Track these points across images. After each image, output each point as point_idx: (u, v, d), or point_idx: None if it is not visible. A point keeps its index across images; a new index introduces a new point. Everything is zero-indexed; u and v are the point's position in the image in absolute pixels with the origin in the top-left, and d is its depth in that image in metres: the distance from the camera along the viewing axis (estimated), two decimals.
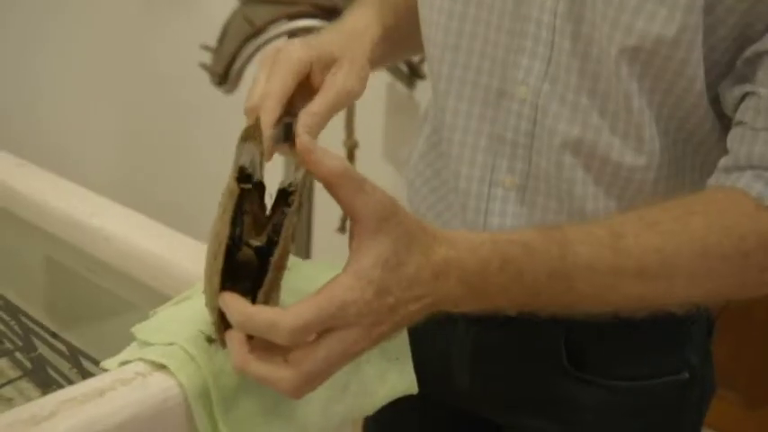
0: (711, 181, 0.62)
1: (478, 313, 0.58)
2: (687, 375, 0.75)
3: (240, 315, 0.48)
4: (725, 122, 0.64)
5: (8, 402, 0.67)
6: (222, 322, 0.51)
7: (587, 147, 0.66)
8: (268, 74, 0.59)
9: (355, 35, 0.69)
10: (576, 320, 0.62)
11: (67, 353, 0.63)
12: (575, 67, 0.65)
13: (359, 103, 1.40)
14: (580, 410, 0.75)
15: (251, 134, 0.56)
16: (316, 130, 0.61)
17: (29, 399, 0.67)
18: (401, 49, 0.79)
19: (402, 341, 0.64)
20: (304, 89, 0.63)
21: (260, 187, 0.56)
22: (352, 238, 0.50)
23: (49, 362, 0.67)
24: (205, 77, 1.48)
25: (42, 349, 0.68)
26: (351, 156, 1.42)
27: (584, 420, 0.76)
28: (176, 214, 1.97)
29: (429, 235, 0.52)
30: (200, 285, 0.64)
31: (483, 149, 0.71)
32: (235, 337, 0.50)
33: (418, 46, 0.77)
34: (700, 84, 0.62)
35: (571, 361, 0.74)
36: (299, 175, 0.54)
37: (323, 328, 0.48)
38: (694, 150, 0.68)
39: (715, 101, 0.64)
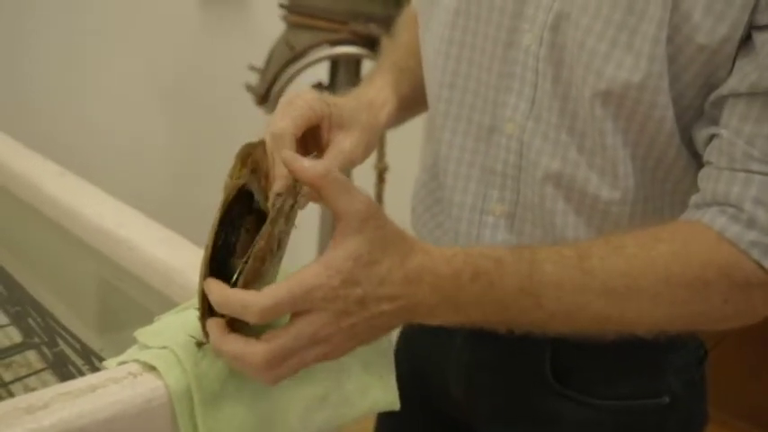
0: (683, 216, 0.65)
1: (468, 328, 0.61)
2: (667, 400, 0.77)
3: (218, 296, 0.54)
4: (701, 163, 0.67)
5: (32, 392, 0.74)
6: (207, 313, 0.56)
7: (567, 180, 0.70)
8: (281, 114, 0.64)
9: (373, 108, 0.74)
10: (562, 339, 0.65)
11: (81, 351, 0.69)
12: (555, 107, 0.69)
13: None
14: (565, 426, 0.78)
15: (255, 167, 0.59)
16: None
17: None
18: (415, 112, 0.85)
19: (387, 360, 0.67)
20: (313, 137, 0.68)
21: (261, 214, 0.60)
22: (335, 233, 0.55)
23: (69, 358, 0.74)
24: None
25: (63, 346, 0.74)
26: (381, 179, 1.47)
27: None
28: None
29: (407, 243, 0.57)
30: None
31: (475, 180, 0.75)
32: (214, 322, 0.55)
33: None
34: (669, 125, 0.65)
35: (556, 377, 0.77)
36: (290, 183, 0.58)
37: (292, 310, 0.53)
38: (673, 189, 0.71)
39: (690, 143, 0.67)
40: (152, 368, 0.58)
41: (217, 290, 0.54)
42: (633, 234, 0.62)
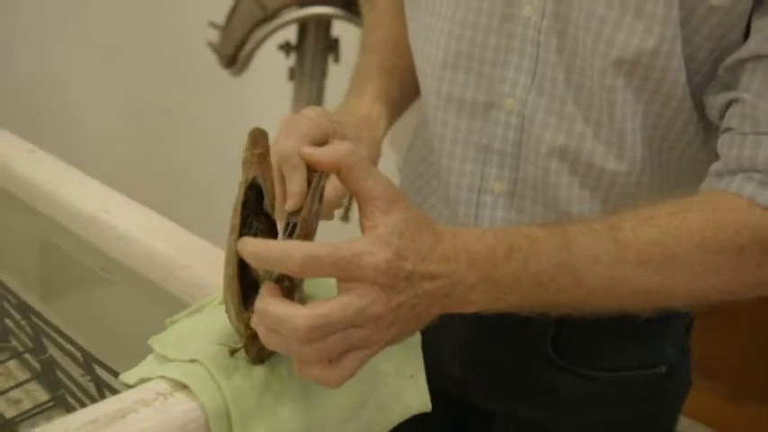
0: (704, 186, 0.64)
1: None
2: (664, 369, 0.78)
3: (256, 246, 0.49)
4: (708, 129, 0.67)
5: (15, 404, 0.66)
6: (241, 305, 0.53)
7: (572, 153, 0.69)
8: (287, 134, 0.59)
9: (370, 122, 0.74)
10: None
11: (81, 359, 0.62)
12: (560, 79, 0.68)
13: None
14: (564, 399, 0.78)
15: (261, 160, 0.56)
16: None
17: (36, 401, 0.67)
18: (407, 107, 0.84)
19: (416, 356, 0.64)
20: None
21: (272, 223, 0.56)
22: (364, 217, 0.51)
23: (59, 365, 0.66)
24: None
25: (52, 350, 0.67)
26: None
27: (568, 408, 0.79)
28: (182, 182, 1.96)
29: (434, 224, 0.54)
30: (215, 294, 0.64)
31: (471, 159, 0.73)
32: (268, 286, 0.51)
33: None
34: (681, 90, 0.64)
35: (556, 351, 0.77)
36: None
37: (337, 271, 0.48)
38: (679, 158, 0.70)
39: (698, 107, 0.66)
40: (182, 386, 0.53)
41: (254, 241, 0.50)
42: (660, 206, 0.60)
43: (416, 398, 0.64)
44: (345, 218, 1.41)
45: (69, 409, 0.69)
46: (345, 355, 0.50)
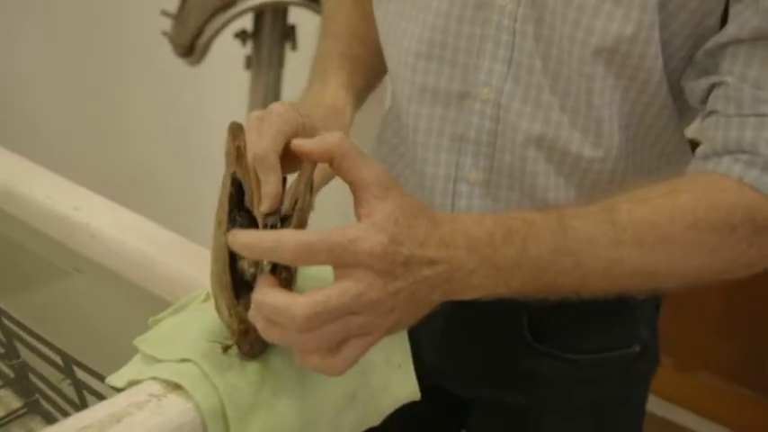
0: (690, 168, 0.65)
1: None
2: (638, 349, 0.80)
3: (249, 236, 0.49)
4: (681, 113, 0.69)
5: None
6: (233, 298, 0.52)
7: (549, 141, 0.69)
8: (257, 134, 0.57)
9: (336, 112, 0.74)
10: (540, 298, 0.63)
11: (61, 362, 0.60)
12: (537, 67, 0.68)
13: None
14: (541, 382, 0.79)
15: (239, 169, 0.55)
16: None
17: (9, 407, 0.65)
18: (370, 93, 0.83)
19: (404, 348, 0.64)
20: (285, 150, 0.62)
21: (252, 218, 0.55)
22: (359, 204, 0.51)
23: (33, 369, 0.64)
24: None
25: (25, 354, 0.64)
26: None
27: (545, 391, 0.80)
28: (138, 173, 1.92)
29: (430, 210, 0.54)
30: (198, 291, 0.63)
31: (446, 149, 0.73)
32: (265, 277, 0.50)
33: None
34: (658, 76, 0.65)
35: (534, 336, 0.78)
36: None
37: (332, 258, 0.48)
38: (653, 143, 0.71)
39: (672, 92, 0.67)
40: (175, 386, 0.51)
41: (245, 232, 0.49)
42: (652, 187, 0.61)
43: (405, 387, 0.64)
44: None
45: (45, 414, 0.67)
46: (346, 343, 0.50)
